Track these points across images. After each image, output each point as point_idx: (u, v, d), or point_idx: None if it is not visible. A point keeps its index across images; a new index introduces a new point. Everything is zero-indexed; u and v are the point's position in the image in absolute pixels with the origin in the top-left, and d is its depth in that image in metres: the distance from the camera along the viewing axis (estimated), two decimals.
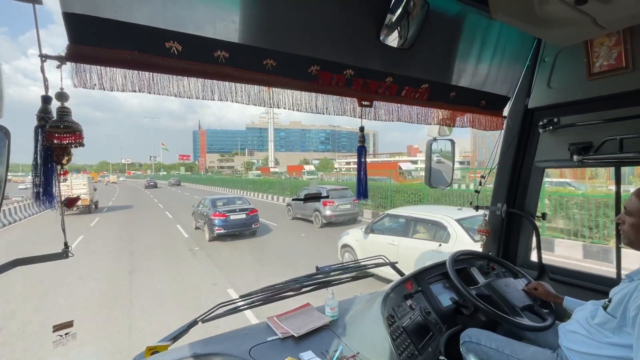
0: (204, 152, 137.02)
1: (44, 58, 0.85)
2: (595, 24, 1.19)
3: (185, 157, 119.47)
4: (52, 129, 0.87)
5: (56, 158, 0.90)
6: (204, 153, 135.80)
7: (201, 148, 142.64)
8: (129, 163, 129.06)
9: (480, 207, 2.15)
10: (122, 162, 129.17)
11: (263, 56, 1.17)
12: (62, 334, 1.20)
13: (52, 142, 0.87)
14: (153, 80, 1.02)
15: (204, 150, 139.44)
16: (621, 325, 1.15)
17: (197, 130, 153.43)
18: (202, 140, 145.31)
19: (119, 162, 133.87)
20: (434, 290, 1.73)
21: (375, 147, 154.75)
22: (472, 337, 1.47)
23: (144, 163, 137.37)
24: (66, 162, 0.91)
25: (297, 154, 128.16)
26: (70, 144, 0.89)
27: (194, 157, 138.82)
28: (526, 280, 1.81)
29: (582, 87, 1.69)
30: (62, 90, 0.90)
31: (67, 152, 0.90)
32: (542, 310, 1.62)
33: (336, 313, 1.67)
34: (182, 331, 1.45)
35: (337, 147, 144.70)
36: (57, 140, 0.87)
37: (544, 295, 1.64)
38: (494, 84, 1.86)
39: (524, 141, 2.02)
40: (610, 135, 1.60)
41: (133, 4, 0.92)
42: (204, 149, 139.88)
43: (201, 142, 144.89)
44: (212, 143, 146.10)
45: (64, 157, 0.90)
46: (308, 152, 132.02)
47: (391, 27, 1.32)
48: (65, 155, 0.90)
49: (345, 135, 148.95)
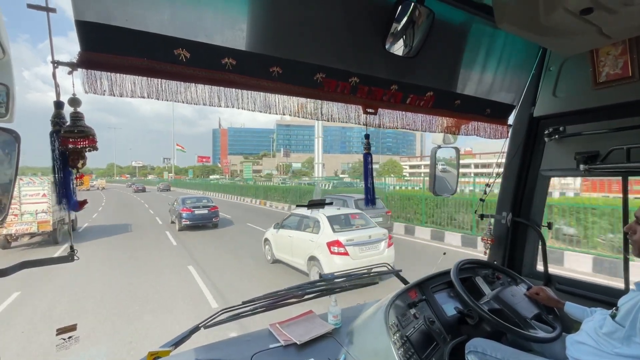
0: (225, 153, 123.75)
1: (56, 64, 0.87)
2: (600, 33, 1.20)
3: (204, 159, 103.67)
4: (66, 134, 0.89)
5: (71, 162, 0.92)
6: (225, 154, 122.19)
7: (222, 149, 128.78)
8: (139, 166, 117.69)
9: (485, 215, 2.13)
10: (133, 164, 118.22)
11: (269, 63, 1.18)
12: (66, 337, 1.20)
13: (67, 147, 0.89)
14: (161, 86, 1.03)
15: (224, 151, 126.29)
16: (630, 335, 1.13)
17: (217, 129, 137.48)
18: (222, 140, 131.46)
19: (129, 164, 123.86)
20: (439, 300, 1.71)
21: (422, 148, 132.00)
22: (478, 347, 1.44)
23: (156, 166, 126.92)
24: (81, 166, 0.94)
25: (336, 155, 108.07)
26: (85, 148, 0.91)
27: (214, 159, 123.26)
28: (526, 285, 1.79)
29: (588, 96, 1.69)
30: (75, 96, 0.92)
31: (82, 156, 0.93)
32: (549, 317, 1.60)
33: (339, 321, 1.65)
34: (184, 337, 1.45)
35: (382, 150, 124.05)
36: (72, 144, 0.89)
37: (546, 300, 1.63)
38: (499, 92, 1.86)
39: (530, 150, 2.01)
40: (617, 144, 1.59)
41: (144, 13, 0.95)
42: (225, 150, 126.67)
43: (222, 143, 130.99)
44: (234, 143, 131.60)
45: (79, 161, 0.92)
46: (349, 154, 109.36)
47: (396, 35, 1.33)
48: (80, 159, 0.92)
49: (391, 135, 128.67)
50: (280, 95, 1.28)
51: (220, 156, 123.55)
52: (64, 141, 0.89)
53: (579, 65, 1.70)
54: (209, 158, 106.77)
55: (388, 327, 1.42)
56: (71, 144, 0.89)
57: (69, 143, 0.89)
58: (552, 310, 1.64)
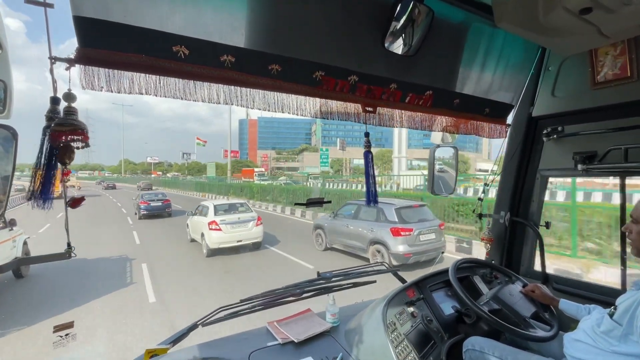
0: (254, 147, 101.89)
1: (54, 60, 0.87)
2: (600, 33, 1.20)
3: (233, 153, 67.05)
4: (57, 127, 0.87)
5: (60, 157, 0.89)
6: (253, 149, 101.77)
7: (250, 142, 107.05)
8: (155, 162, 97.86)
9: (483, 215, 2.14)
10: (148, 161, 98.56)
11: (268, 61, 1.18)
12: (63, 334, 1.20)
13: (57, 141, 0.87)
14: (159, 83, 1.03)
15: (253, 144, 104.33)
16: (627, 333, 1.14)
17: (245, 119, 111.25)
18: (251, 132, 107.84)
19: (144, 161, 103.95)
20: (436, 298, 1.71)
21: (490, 149, 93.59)
22: (475, 345, 1.45)
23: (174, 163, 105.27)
24: (69, 162, 0.90)
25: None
26: (74, 140, 0.89)
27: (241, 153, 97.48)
28: (521, 282, 1.80)
29: (587, 96, 1.69)
30: (70, 91, 0.91)
31: (71, 151, 0.90)
32: (545, 315, 1.61)
33: (337, 319, 1.66)
34: (182, 334, 1.45)
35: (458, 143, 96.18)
36: (62, 138, 0.87)
37: (541, 297, 1.64)
38: (497, 92, 1.86)
39: (528, 149, 2.02)
40: (615, 144, 1.60)
41: (142, 9, 0.94)
42: (253, 143, 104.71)
43: (250, 136, 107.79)
44: (265, 136, 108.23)
45: (67, 156, 0.89)
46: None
47: (396, 34, 1.33)
48: (69, 155, 0.89)
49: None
50: (279, 93, 1.28)
51: (248, 150, 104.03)
52: (54, 135, 0.86)
53: (578, 65, 1.71)
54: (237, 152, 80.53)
55: (386, 326, 1.42)
56: (60, 138, 0.86)
57: (59, 137, 0.86)
58: (549, 309, 1.65)
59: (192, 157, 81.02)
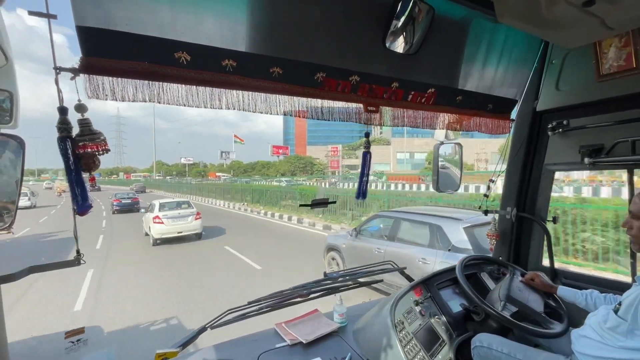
0: (302, 142, 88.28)
1: (58, 70, 0.88)
2: (603, 25, 1.18)
3: (281, 149, 64.65)
4: (79, 139, 0.93)
5: (85, 166, 0.96)
6: (301, 145, 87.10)
7: (297, 138, 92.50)
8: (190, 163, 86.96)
9: (489, 211, 2.12)
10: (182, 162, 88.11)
11: (270, 64, 1.18)
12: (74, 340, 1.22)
13: (81, 153, 0.93)
14: (162, 89, 1.04)
15: (302, 140, 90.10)
16: (632, 328, 1.14)
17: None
18: (299, 126, 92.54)
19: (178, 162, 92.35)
20: (444, 296, 1.70)
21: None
22: (484, 342, 1.44)
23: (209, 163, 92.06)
24: (94, 169, 0.98)
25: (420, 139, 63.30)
26: (97, 152, 0.95)
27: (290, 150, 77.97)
28: (519, 272, 1.80)
29: (592, 88, 1.67)
30: (81, 102, 0.93)
31: (95, 160, 0.97)
32: (552, 304, 1.62)
33: (345, 319, 1.66)
34: (192, 337, 1.46)
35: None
36: (84, 150, 0.93)
37: (540, 286, 1.65)
38: (501, 87, 1.84)
39: (533, 144, 2.00)
40: (622, 137, 1.57)
41: (144, 16, 0.95)
42: (302, 139, 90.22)
43: (297, 130, 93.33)
44: (315, 130, 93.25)
45: (92, 164, 0.97)
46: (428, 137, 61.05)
47: (396, 32, 1.32)
48: (95, 162, 0.97)
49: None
50: (281, 96, 1.28)
51: (295, 147, 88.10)
52: (77, 148, 0.93)
53: (582, 58, 1.68)
54: (287, 148, 69.51)
55: (394, 325, 1.42)
56: (84, 150, 0.93)
57: (82, 149, 0.93)
58: (552, 297, 1.66)
59: (230, 156, 71.47)
